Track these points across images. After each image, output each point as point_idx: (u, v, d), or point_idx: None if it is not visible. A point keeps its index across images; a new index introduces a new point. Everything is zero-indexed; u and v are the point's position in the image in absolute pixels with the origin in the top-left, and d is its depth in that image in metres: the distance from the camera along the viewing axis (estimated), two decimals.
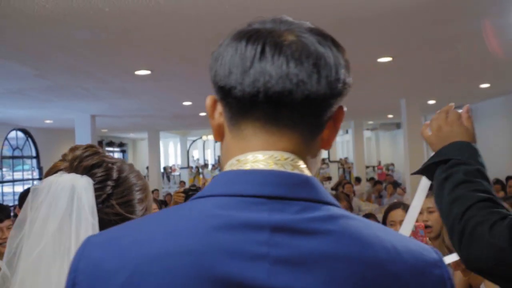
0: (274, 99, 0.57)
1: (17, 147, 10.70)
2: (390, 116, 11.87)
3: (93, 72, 4.71)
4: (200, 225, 0.54)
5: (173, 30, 3.42)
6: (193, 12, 3.05)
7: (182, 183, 13.81)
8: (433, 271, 0.57)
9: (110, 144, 16.23)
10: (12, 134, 10.37)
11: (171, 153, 24.06)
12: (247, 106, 0.59)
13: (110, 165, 0.98)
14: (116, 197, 0.97)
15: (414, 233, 2.19)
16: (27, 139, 11.08)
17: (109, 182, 0.96)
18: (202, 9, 3.01)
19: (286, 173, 0.57)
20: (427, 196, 2.26)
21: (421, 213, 2.40)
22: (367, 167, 17.86)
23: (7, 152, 10.29)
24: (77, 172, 0.94)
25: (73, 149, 0.99)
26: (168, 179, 19.18)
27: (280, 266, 0.52)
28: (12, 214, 2.74)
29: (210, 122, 0.66)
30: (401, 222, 1.81)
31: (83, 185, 0.92)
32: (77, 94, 6.12)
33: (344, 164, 18.39)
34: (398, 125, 15.31)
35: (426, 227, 2.31)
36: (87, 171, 0.94)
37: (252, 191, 0.56)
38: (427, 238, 2.19)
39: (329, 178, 8.01)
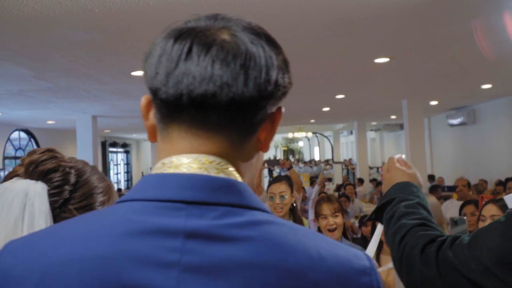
0: (197, 102, 0.55)
1: (20, 148, 10.76)
2: (393, 117, 11.81)
3: (90, 73, 4.72)
4: (112, 230, 0.53)
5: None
6: (183, 11, 3.04)
7: None
8: (360, 279, 0.55)
9: (113, 144, 16.28)
10: (15, 134, 10.44)
11: None
12: (172, 109, 0.57)
13: (67, 169, 0.97)
14: (74, 202, 0.96)
15: None
16: (29, 140, 11.14)
17: (67, 187, 0.95)
18: (192, 9, 3.00)
19: (208, 177, 0.56)
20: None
21: None
22: (371, 168, 17.80)
23: (11, 152, 10.35)
24: (32, 177, 0.93)
25: (30, 154, 0.98)
26: None
27: (191, 274, 0.50)
28: None
29: (144, 123, 0.65)
30: None
31: (37, 191, 0.90)
32: (77, 95, 6.14)
33: (348, 165, 18.34)
34: (401, 126, 15.21)
35: None
36: (42, 176, 0.93)
37: (170, 196, 0.54)
38: None
39: (329, 180, 7.96)
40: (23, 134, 10.82)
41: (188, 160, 0.57)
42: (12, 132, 10.13)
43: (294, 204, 2.98)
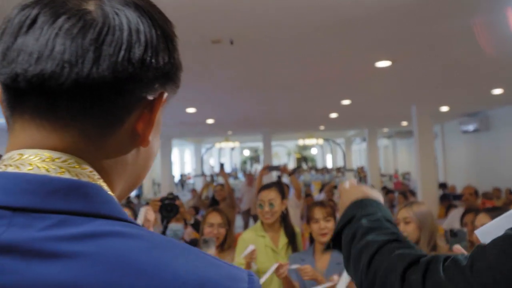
0: (36, 85, 0.45)
1: None
2: (405, 123, 11.57)
3: None
4: None
5: None
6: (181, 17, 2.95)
7: (194, 191, 13.74)
8: None
9: None
10: None
11: (187, 160, 24.12)
12: (13, 94, 0.48)
13: None
14: None
15: None
16: None
17: None
18: (190, 16, 2.90)
19: (45, 177, 0.45)
20: (405, 205, 2.09)
21: (397, 223, 2.24)
22: (384, 175, 17.52)
23: None
24: None
25: None
26: (183, 187, 19.17)
27: None
28: None
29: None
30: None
31: None
32: None
33: (360, 172, 18.09)
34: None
35: None
36: None
37: None
38: None
39: (335, 187, 7.86)
40: None
41: (25, 157, 0.47)
42: None
43: (285, 212, 2.84)
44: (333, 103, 7.54)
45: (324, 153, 27.21)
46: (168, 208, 2.92)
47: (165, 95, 0.53)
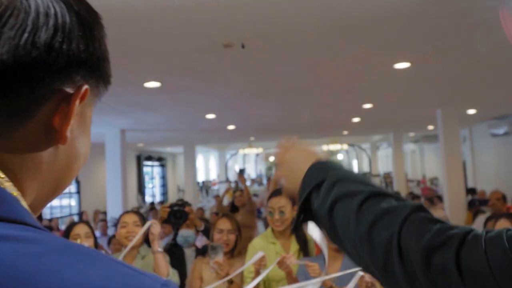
0: None
1: None
2: (431, 127, 11.27)
3: None
4: None
5: (171, 40, 3.32)
6: (189, 21, 2.92)
7: (217, 197, 13.75)
8: None
9: (149, 158, 16.49)
10: None
11: (212, 167, 24.20)
12: None
13: None
14: None
15: None
16: None
17: None
18: (200, 20, 2.87)
19: None
20: None
21: None
22: (411, 181, 17.12)
23: None
24: None
25: None
26: (207, 193, 19.22)
27: None
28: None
29: None
30: None
31: None
32: (98, 108, 6.14)
33: (387, 178, 17.73)
34: None
35: None
36: None
37: None
38: None
39: None
40: None
41: None
42: None
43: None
44: (354, 107, 7.40)
45: (350, 159, 26.87)
46: (177, 214, 2.90)
47: (85, 87, 0.48)
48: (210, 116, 7.50)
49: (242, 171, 10.94)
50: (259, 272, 2.32)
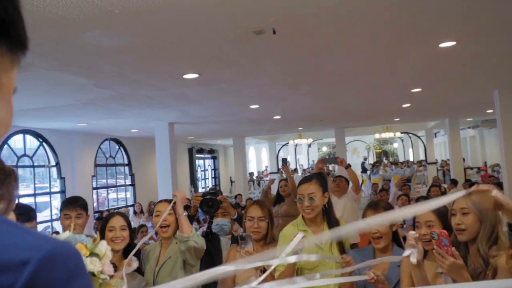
0: None
1: (111, 156, 11.50)
2: (489, 111, 10.63)
3: (140, 78, 4.80)
4: None
5: (208, 29, 3.32)
6: (217, 8, 2.91)
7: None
8: None
9: (200, 151, 16.80)
10: (106, 144, 11.18)
11: (263, 159, 24.28)
12: None
13: None
14: None
15: (438, 242, 1.84)
16: (119, 148, 11.87)
17: None
18: (227, 7, 2.85)
19: None
20: (464, 195, 1.85)
21: (453, 214, 2.00)
22: (471, 168, 16.29)
23: (102, 160, 11.10)
24: None
25: None
26: (259, 185, 19.30)
27: None
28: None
29: None
30: None
31: None
32: (142, 102, 6.33)
33: (444, 166, 16.97)
34: None
35: (459, 230, 1.94)
36: None
37: None
38: (453, 248, 1.82)
39: (408, 180, 7.38)
40: (113, 143, 11.55)
41: None
42: (102, 141, 10.85)
43: (327, 205, 2.68)
44: (402, 92, 7.11)
45: (406, 147, 25.99)
46: (209, 203, 2.91)
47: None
48: (254, 106, 7.49)
49: (285, 161, 10.88)
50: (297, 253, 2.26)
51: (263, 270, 2.47)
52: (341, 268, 2.22)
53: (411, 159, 21.87)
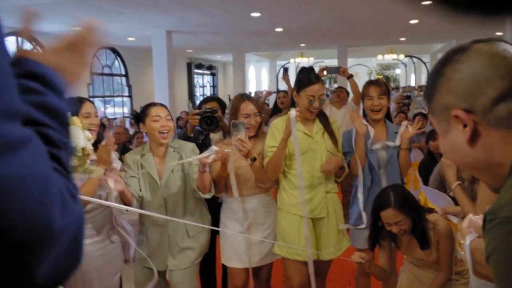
0: None
1: (107, 65, 11.25)
2: (499, 33, 10.25)
3: None
4: None
5: None
6: None
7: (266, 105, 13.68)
8: None
9: (199, 66, 16.46)
10: (102, 53, 10.89)
11: (263, 78, 23.98)
12: None
13: None
14: None
15: None
16: (116, 58, 11.58)
17: None
18: None
19: None
20: None
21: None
22: None
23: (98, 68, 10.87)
24: None
25: None
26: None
27: None
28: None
29: None
30: None
31: None
32: (141, 3, 6.04)
33: None
34: None
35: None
36: None
37: None
38: None
39: (408, 97, 7.24)
40: (109, 53, 11.25)
41: None
42: (97, 49, 10.54)
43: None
44: (411, 5, 6.76)
45: (408, 72, 25.60)
46: (208, 121, 2.79)
47: None
48: (255, 14, 7.16)
49: (286, 71, 10.66)
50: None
51: (253, 159, 2.45)
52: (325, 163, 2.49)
53: (412, 84, 21.64)
